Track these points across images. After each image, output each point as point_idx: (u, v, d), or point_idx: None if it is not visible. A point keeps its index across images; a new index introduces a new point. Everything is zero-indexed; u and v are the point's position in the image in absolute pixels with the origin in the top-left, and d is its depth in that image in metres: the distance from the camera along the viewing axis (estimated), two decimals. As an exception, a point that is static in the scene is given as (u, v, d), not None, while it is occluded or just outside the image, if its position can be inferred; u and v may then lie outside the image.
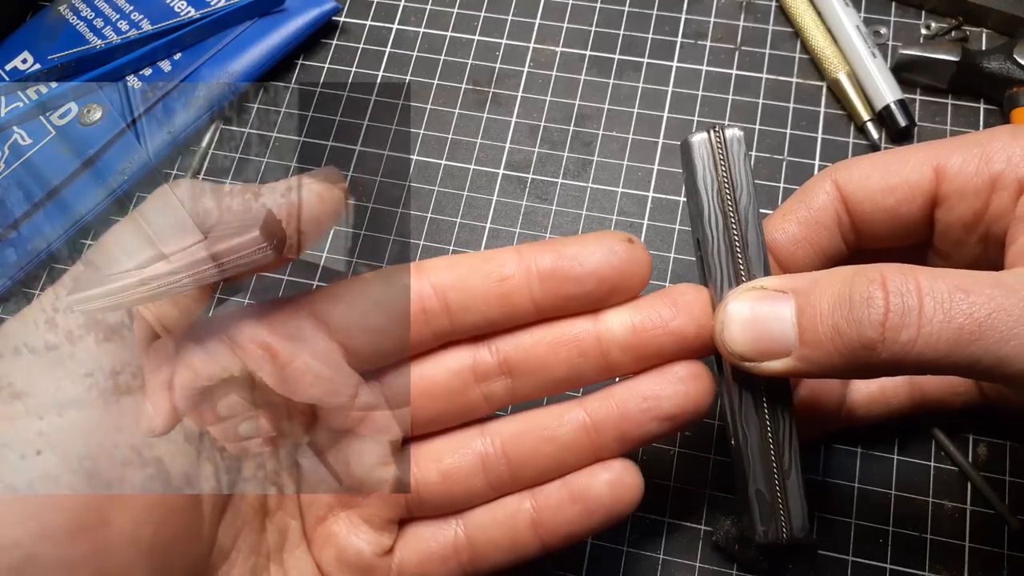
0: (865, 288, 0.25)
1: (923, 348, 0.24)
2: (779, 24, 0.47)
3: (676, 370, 0.29)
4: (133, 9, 0.49)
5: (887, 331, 0.24)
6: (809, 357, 0.26)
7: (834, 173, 0.31)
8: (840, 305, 0.25)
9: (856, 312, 0.24)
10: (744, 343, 0.27)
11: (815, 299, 0.26)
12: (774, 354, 0.26)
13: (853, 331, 0.24)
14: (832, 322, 0.25)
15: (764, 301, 0.26)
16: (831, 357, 0.25)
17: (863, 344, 0.24)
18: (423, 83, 0.48)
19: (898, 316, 0.24)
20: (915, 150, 0.30)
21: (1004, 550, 0.36)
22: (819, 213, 0.31)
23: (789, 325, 0.26)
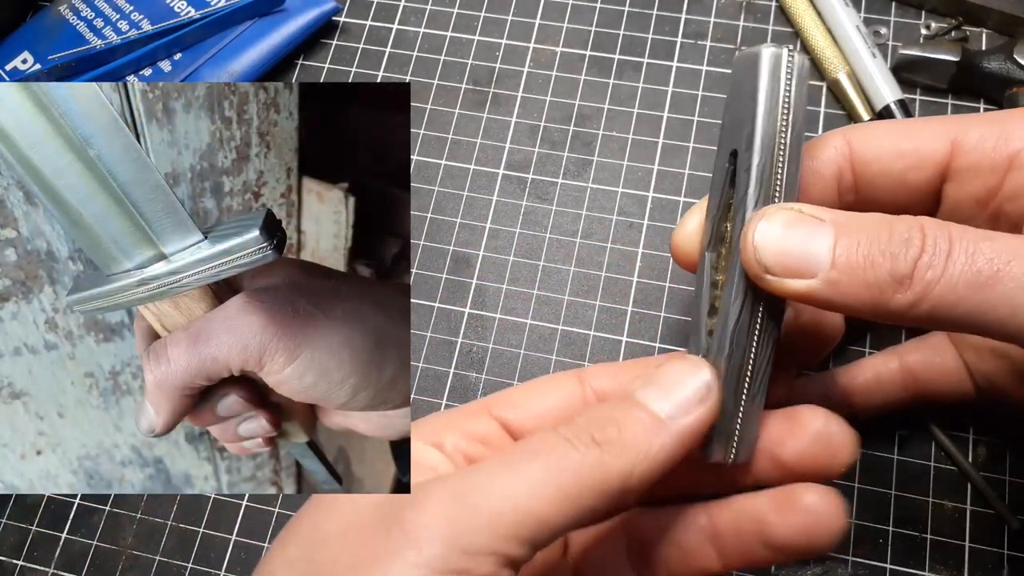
0: (905, 230, 0.25)
1: (943, 289, 0.24)
2: (779, 24, 0.48)
3: (803, 497, 0.28)
4: (133, 9, 0.49)
5: (917, 269, 0.25)
6: (837, 282, 0.26)
7: (849, 132, 0.31)
8: (879, 239, 0.25)
9: (894, 247, 0.25)
10: (774, 255, 0.26)
11: (854, 230, 0.26)
12: (800, 273, 0.26)
13: (887, 263, 0.25)
14: (868, 252, 0.25)
15: (802, 222, 0.26)
16: (857, 287, 0.25)
17: (894, 278, 0.25)
18: (423, 83, 0.48)
19: (928, 256, 0.25)
20: (934, 120, 0.30)
21: (1004, 550, 0.36)
22: (821, 164, 0.30)
23: (824, 248, 0.26)
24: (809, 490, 0.27)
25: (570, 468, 0.24)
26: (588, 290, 0.43)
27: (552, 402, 0.30)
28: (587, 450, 0.25)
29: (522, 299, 0.43)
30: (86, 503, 0.40)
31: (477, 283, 0.43)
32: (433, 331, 0.42)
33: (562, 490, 0.24)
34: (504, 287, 0.43)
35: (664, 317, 0.42)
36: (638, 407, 0.26)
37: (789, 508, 0.27)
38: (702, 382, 0.27)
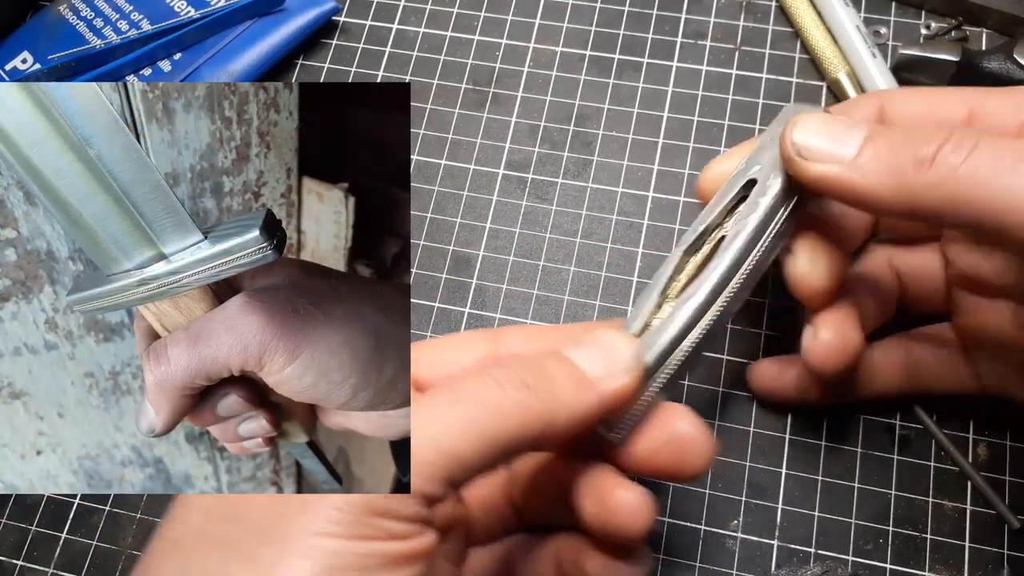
0: (934, 129, 0.27)
1: (962, 175, 0.26)
2: (779, 24, 0.48)
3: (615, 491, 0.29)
4: (133, 9, 0.49)
5: (940, 153, 0.26)
6: (863, 166, 0.27)
7: (882, 96, 0.32)
8: (908, 133, 0.27)
9: (920, 136, 0.27)
10: (807, 135, 0.28)
11: (883, 132, 0.28)
12: (830, 158, 0.28)
13: (911, 147, 0.27)
14: (894, 142, 0.27)
15: (843, 121, 0.29)
16: (880, 171, 0.27)
17: (916, 159, 0.26)
18: (423, 83, 0.48)
19: (953, 145, 0.26)
20: (956, 90, 0.32)
21: (1004, 550, 0.36)
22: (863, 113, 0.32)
23: (856, 139, 0.28)
24: (621, 486, 0.28)
25: (496, 409, 0.25)
26: (588, 290, 0.43)
27: (465, 360, 0.30)
28: (516, 392, 0.26)
29: (522, 299, 0.43)
30: (86, 503, 0.40)
31: (477, 283, 0.43)
32: (433, 331, 0.42)
33: (484, 432, 0.25)
34: (504, 287, 0.43)
35: (664, 317, 0.42)
36: (569, 363, 0.27)
37: (599, 500, 0.28)
38: (632, 356, 0.28)
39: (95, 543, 0.40)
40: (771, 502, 0.38)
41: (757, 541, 0.37)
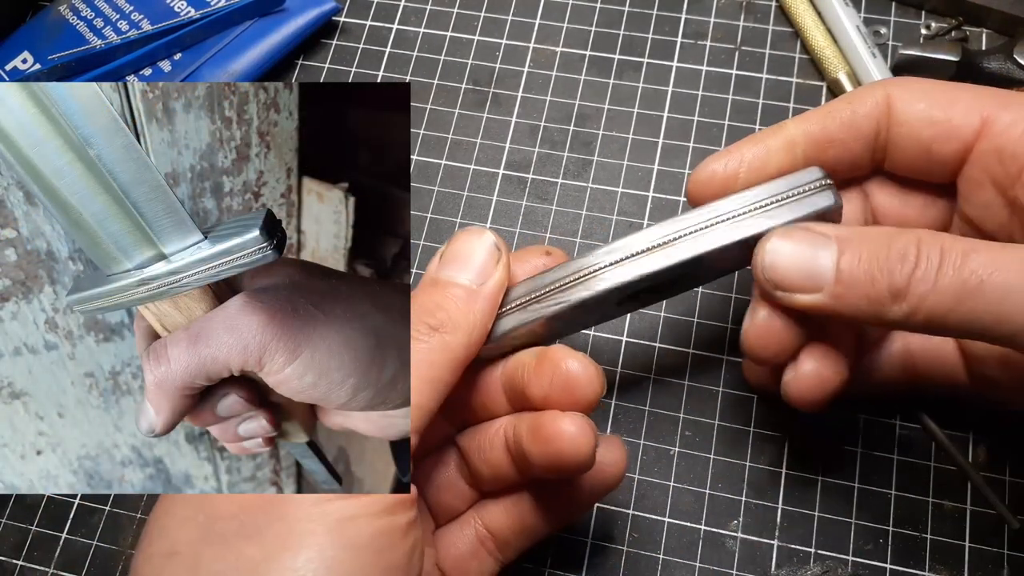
0: (904, 246, 0.27)
1: (934, 301, 0.27)
2: (779, 24, 0.48)
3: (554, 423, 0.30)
4: (133, 9, 0.49)
5: (912, 283, 0.27)
6: (841, 296, 0.28)
7: (890, 88, 0.31)
8: (879, 256, 0.28)
9: (892, 263, 0.27)
10: (781, 271, 0.29)
11: (856, 247, 0.28)
12: (807, 288, 0.29)
13: (886, 278, 0.27)
14: (868, 268, 0.28)
15: (808, 239, 0.29)
16: (859, 299, 0.28)
17: (891, 291, 0.27)
18: (423, 83, 0.48)
19: (922, 271, 0.27)
20: (971, 92, 0.31)
21: (1004, 550, 0.36)
22: (863, 120, 0.31)
23: (828, 264, 0.28)
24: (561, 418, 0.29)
25: (426, 359, 0.28)
26: (588, 290, 0.43)
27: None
28: (430, 338, 0.28)
29: (522, 299, 0.43)
30: (86, 503, 0.40)
31: (477, 283, 0.43)
32: (433, 331, 0.42)
33: (428, 380, 0.28)
34: (504, 287, 0.43)
35: (664, 317, 0.42)
36: (450, 285, 0.30)
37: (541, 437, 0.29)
38: (490, 245, 0.30)
39: (95, 543, 0.40)
40: (771, 502, 0.38)
41: (757, 541, 0.37)
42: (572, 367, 0.29)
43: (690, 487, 0.38)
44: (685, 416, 0.40)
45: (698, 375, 0.40)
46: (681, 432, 0.39)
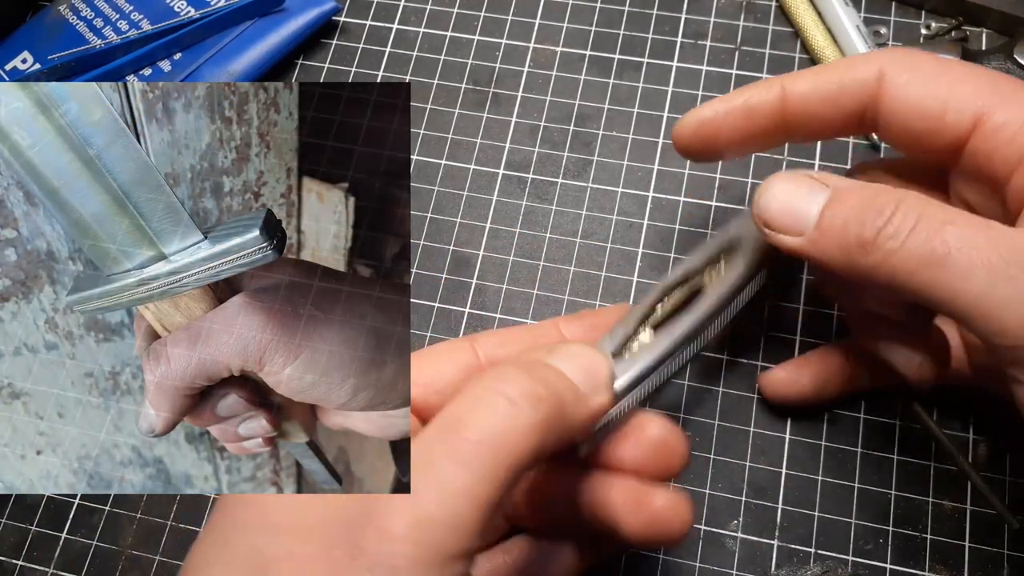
0: (885, 200, 0.28)
1: (897, 261, 0.27)
2: (779, 24, 0.48)
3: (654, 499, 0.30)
4: (133, 9, 0.49)
5: (879, 238, 0.27)
6: (816, 241, 0.29)
7: (885, 62, 0.31)
8: (860, 207, 0.28)
9: (866, 215, 0.28)
10: (772, 211, 0.30)
11: (847, 196, 0.28)
12: (791, 230, 0.29)
13: (856, 229, 0.28)
14: (846, 217, 0.28)
15: (806, 185, 0.29)
16: (832, 247, 0.28)
17: (858, 242, 0.27)
18: (423, 83, 0.48)
19: (893, 227, 0.27)
20: (970, 81, 0.29)
21: (1004, 550, 0.36)
22: (848, 100, 0.31)
23: (815, 210, 0.29)
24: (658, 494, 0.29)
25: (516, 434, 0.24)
26: (588, 290, 0.43)
27: (447, 372, 0.30)
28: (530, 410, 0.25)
29: (522, 299, 0.43)
30: (86, 503, 0.40)
31: (477, 283, 0.43)
32: (433, 331, 0.42)
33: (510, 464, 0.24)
34: (504, 287, 0.43)
35: (664, 317, 0.42)
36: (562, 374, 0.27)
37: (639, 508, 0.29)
38: (609, 375, 0.29)
39: (95, 543, 0.40)
40: (771, 502, 0.38)
41: (757, 541, 0.37)
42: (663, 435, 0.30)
43: (690, 487, 0.38)
44: (685, 416, 0.40)
45: (698, 375, 0.40)
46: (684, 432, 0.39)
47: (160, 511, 0.40)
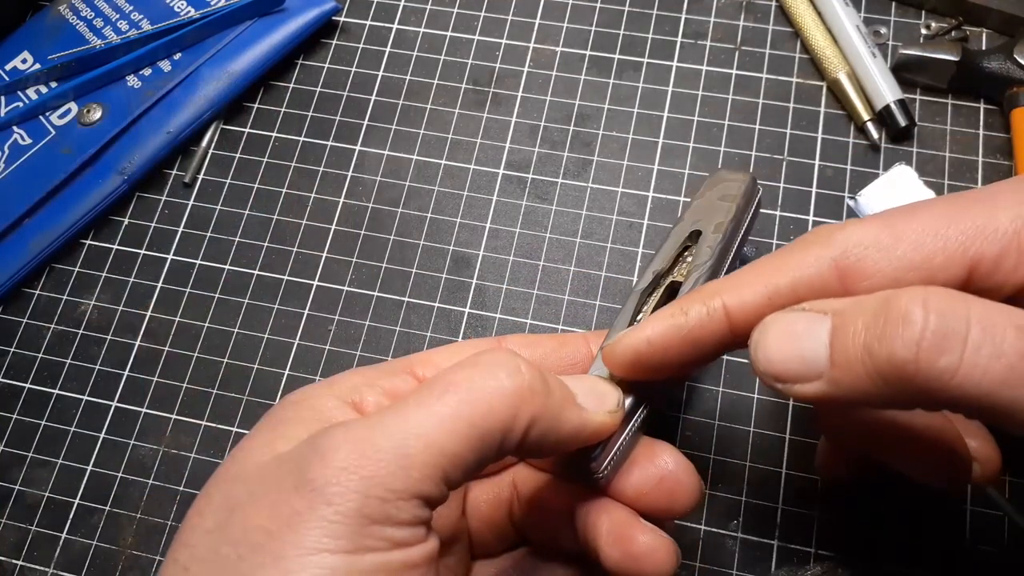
0: (904, 305, 0.22)
1: (964, 380, 0.21)
2: (779, 24, 0.47)
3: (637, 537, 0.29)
4: (133, 9, 0.49)
5: (922, 352, 0.21)
6: (839, 381, 0.23)
7: (837, 251, 0.25)
8: (875, 323, 0.22)
9: (890, 329, 0.22)
10: (777, 365, 0.25)
11: (851, 317, 0.23)
12: (805, 377, 0.24)
13: (884, 351, 0.22)
14: (864, 340, 0.22)
15: (802, 322, 0.24)
16: (860, 380, 0.23)
17: (893, 366, 0.22)
18: (423, 83, 0.48)
19: (938, 338, 0.21)
20: (943, 233, 0.25)
21: (1004, 550, 0.36)
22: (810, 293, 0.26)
23: (822, 346, 0.24)
24: (645, 532, 0.28)
25: (489, 394, 0.24)
26: (588, 290, 0.43)
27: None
28: (508, 379, 0.24)
29: (522, 299, 0.43)
30: (86, 503, 0.40)
31: (477, 283, 0.43)
32: (433, 331, 0.42)
33: (475, 422, 0.24)
34: (504, 287, 0.43)
35: (664, 317, 0.42)
36: (563, 382, 0.27)
37: (619, 542, 0.28)
38: (616, 402, 0.28)
39: (95, 543, 0.40)
40: (771, 502, 0.38)
41: (757, 541, 0.37)
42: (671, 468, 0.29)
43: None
44: (685, 416, 0.40)
45: (699, 376, 0.40)
46: (681, 432, 0.39)
47: (160, 511, 0.40)
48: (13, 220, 0.45)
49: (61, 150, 0.46)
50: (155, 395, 0.42)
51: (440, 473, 0.23)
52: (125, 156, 0.46)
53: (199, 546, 0.24)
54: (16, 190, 0.46)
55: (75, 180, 0.46)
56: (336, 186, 0.46)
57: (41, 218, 0.45)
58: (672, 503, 0.29)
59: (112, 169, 0.46)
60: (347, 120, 0.48)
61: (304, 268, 0.44)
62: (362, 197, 0.46)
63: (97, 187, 0.46)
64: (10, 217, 0.45)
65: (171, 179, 0.47)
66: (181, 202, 0.46)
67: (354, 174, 0.46)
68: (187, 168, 0.47)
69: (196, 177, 0.47)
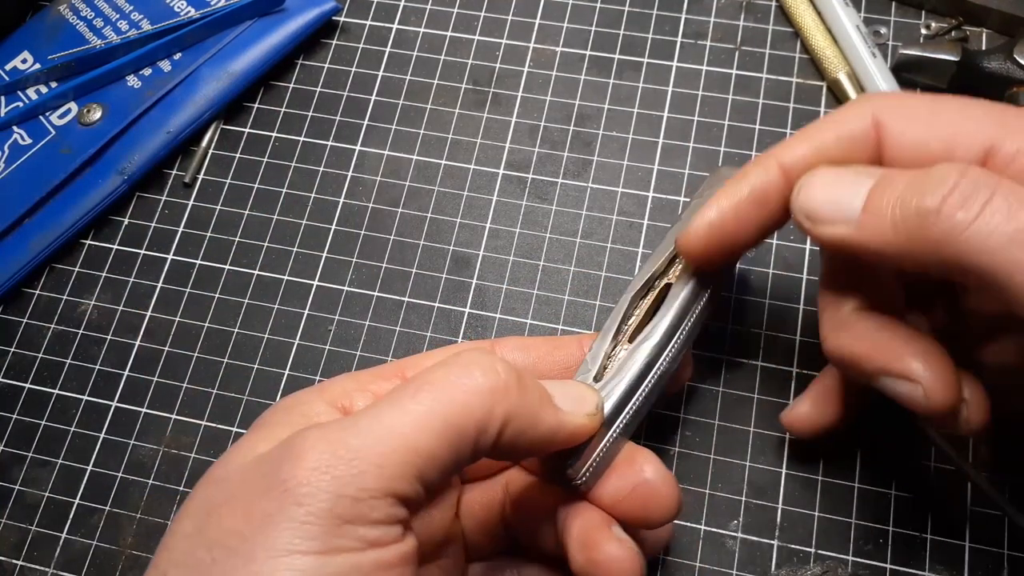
0: (945, 169, 0.24)
1: (973, 235, 0.23)
2: (779, 24, 0.47)
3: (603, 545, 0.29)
4: (133, 9, 0.49)
5: (945, 205, 0.23)
6: (865, 225, 0.26)
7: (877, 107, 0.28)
8: (914, 181, 0.25)
9: (925, 184, 0.24)
10: (815, 203, 0.27)
11: (896, 176, 0.26)
12: (836, 219, 0.26)
13: (914, 197, 0.24)
14: (900, 192, 0.25)
15: (850, 174, 0.27)
16: (885, 228, 0.25)
17: (919, 214, 0.24)
18: (423, 83, 0.48)
19: (963, 197, 0.23)
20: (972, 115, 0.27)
21: (1004, 550, 0.36)
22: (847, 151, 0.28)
23: (860, 197, 0.26)
24: (611, 541, 0.28)
25: (465, 393, 0.24)
26: (588, 290, 0.43)
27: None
28: (484, 378, 0.25)
29: (522, 299, 0.43)
30: (86, 503, 0.40)
31: (477, 283, 0.43)
32: (433, 331, 0.42)
33: (449, 420, 0.24)
34: (504, 287, 0.43)
35: (664, 317, 0.42)
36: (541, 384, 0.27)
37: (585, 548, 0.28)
38: (596, 405, 0.29)
39: (95, 543, 0.40)
40: (771, 502, 0.38)
41: (757, 541, 0.37)
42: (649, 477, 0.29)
43: (690, 487, 0.38)
44: (685, 416, 0.40)
45: (699, 376, 0.40)
46: (681, 432, 0.39)
47: (160, 511, 0.40)
48: (13, 220, 0.45)
49: (61, 150, 0.46)
50: (155, 395, 0.42)
51: (414, 471, 0.23)
52: (125, 156, 0.46)
53: (176, 549, 0.24)
54: (16, 190, 0.46)
55: (75, 180, 0.46)
56: (336, 186, 0.46)
57: (41, 218, 0.45)
58: (647, 512, 0.29)
59: (112, 169, 0.46)
60: (347, 120, 0.48)
61: (304, 268, 0.44)
62: (362, 197, 0.46)
63: (97, 187, 0.46)
64: (10, 217, 0.45)
65: (171, 179, 0.47)
66: (181, 202, 0.46)
67: (354, 174, 0.46)
68: (187, 168, 0.47)
69: (196, 177, 0.47)
